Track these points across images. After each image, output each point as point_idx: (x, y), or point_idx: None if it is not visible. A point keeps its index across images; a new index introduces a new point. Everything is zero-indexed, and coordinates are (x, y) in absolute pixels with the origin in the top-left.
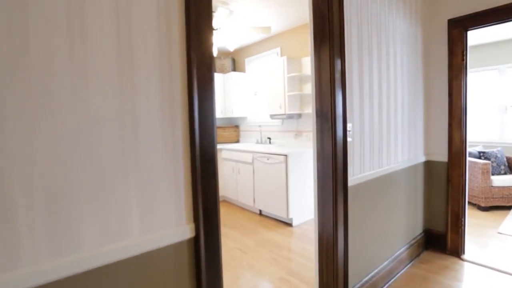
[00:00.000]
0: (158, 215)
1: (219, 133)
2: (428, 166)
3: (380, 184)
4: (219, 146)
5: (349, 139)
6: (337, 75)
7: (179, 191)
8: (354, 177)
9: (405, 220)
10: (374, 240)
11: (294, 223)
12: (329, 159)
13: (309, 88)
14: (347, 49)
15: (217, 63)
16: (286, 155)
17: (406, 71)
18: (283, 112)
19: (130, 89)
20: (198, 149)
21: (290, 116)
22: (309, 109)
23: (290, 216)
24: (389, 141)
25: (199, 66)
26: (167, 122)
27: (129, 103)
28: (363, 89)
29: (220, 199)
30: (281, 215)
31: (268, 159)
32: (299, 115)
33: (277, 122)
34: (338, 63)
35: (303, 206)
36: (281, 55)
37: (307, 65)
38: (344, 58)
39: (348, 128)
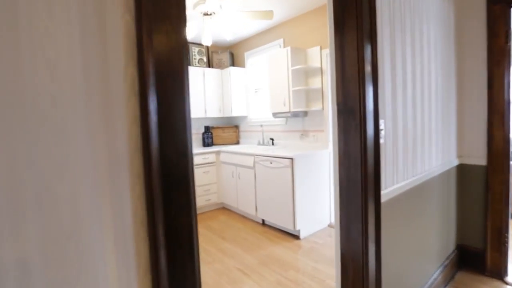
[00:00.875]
0: None
1: (217, 134)
2: (462, 170)
3: (415, 196)
4: (216, 148)
5: (381, 141)
6: (367, 62)
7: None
8: (387, 190)
9: (438, 236)
10: (408, 263)
11: (301, 235)
12: (357, 165)
13: (316, 82)
14: (378, 31)
15: (214, 58)
16: (291, 159)
17: (440, 56)
18: (287, 110)
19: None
20: (156, 162)
21: (295, 114)
22: (317, 106)
23: (297, 228)
24: (423, 142)
25: (158, 31)
26: (96, 113)
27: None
28: (396, 78)
29: (219, 206)
30: (287, 226)
31: (271, 163)
32: (305, 113)
33: (280, 121)
34: (368, 48)
35: (312, 216)
36: (284, 47)
37: (313, 56)
38: (376, 41)
39: (380, 127)
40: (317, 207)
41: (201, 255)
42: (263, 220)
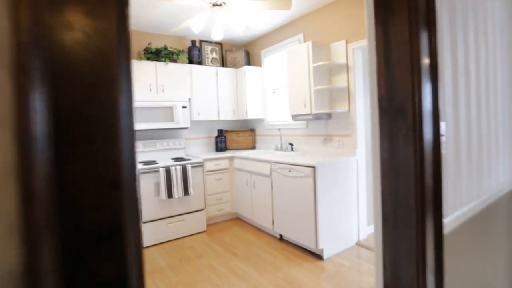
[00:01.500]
0: None
1: (231, 138)
2: None
3: (481, 221)
4: (230, 154)
5: (442, 151)
6: (424, 52)
7: None
8: (449, 218)
9: (509, 269)
10: None
11: (325, 255)
12: (409, 183)
13: (341, 80)
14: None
15: (228, 57)
16: (313, 167)
17: (506, 42)
18: (308, 112)
19: None
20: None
21: (317, 117)
22: (342, 107)
23: (320, 246)
24: (490, 151)
25: None
26: None
27: None
28: (457, 70)
29: (233, 216)
30: (308, 244)
31: (290, 171)
32: (329, 115)
33: (300, 124)
34: (424, 35)
35: (337, 233)
36: (305, 43)
37: (338, 52)
38: (435, 27)
39: (441, 132)
40: (343, 222)
41: (208, 275)
42: (280, 235)
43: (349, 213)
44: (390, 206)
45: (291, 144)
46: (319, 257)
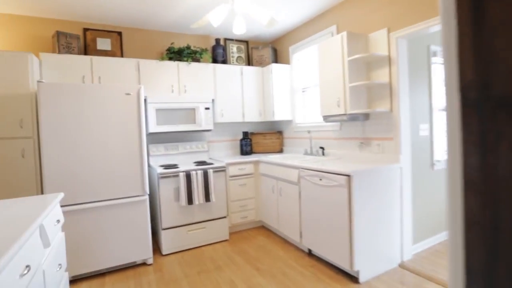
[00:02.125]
0: None
1: (257, 141)
2: None
3: None
4: (255, 158)
5: None
6: None
7: None
8: None
9: None
10: None
11: (361, 278)
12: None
13: (381, 75)
14: None
15: (254, 55)
16: (348, 176)
17: None
18: (342, 112)
19: None
20: None
21: (352, 118)
22: (382, 106)
23: (356, 267)
24: None
25: None
26: None
27: None
28: None
29: (258, 224)
30: (341, 263)
31: (320, 179)
32: (366, 116)
33: (333, 126)
34: None
35: (376, 252)
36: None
37: (378, 42)
38: None
39: None
40: (384, 240)
41: None
42: (309, 250)
43: (391, 230)
44: (481, 254)
45: (322, 148)
46: (354, 279)
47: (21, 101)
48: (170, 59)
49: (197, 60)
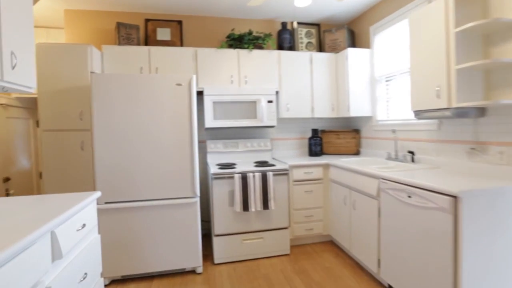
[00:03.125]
0: None
1: (329, 140)
2: None
3: None
4: (325, 160)
5: None
6: None
7: None
8: None
9: None
10: None
11: None
12: None
13: (510, 51)
14: None
15: (327, 39)
16: (455, 197)
17: None
18: (444, 105)
19: None
20: None
21: (459, 113)
22: (511, 96)
23: None
24: None
25: None
26: None
27: None
28: None
29: (325, 239)
30: None
31: (409, 196)
32: (481, 111)
33: (428, 124)
34: None
35: None
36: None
37: (505, 2)
38: None
39: None
40: None
41: None
42: (390, 286)
43: None
44: None
45: (412, 153)
46: None
47: (80, 93)
48: (230, 46)
49: (260, 47)
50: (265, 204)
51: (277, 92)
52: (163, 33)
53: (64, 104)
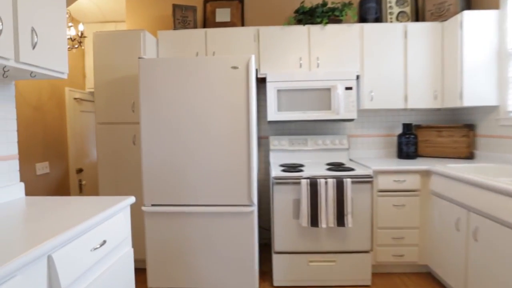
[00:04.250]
0: None
1: (426, 138)
2: None
3: None
4: (424, 165)
5: None
6: None
7: None
8: None
9: None
10: None
11: None
12: None
13: None
14: None
15: (428, 3)
16: None
17: None
18: None
19: None
20: None
21: None
22: None
23: None
24: None
25: None
26: None
27: None
28: None
29: (421, 269)
30: None
31: None
32: None
33: None
34: None
35: None
36: None
37: None
38: None
39: None
40: None
41: None
42: None
43: None
44: None
45: None
46: None
47: (133, 83)
48: (299, 22)
49: (337, 21)
50: (340, 220)
51: (357, 77)
52: (223, 14)
53: (117, 95)
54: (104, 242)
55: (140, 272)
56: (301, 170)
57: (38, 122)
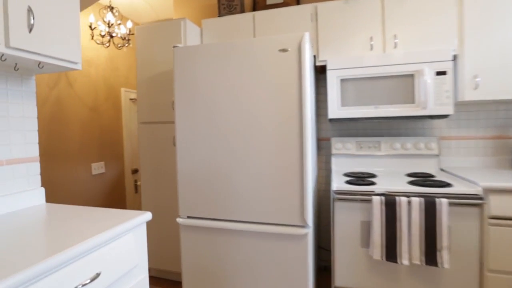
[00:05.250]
0: None
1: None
2: None
3: None
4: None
5: None
6: None
7: None
8: None
9: None
10: None
11: None
12: None
13: None
14: None
15: None
16: None
17: None
18: None
19: None
20: None
21: None
22: None
23: None
24: None
25: None
26: None
27: None
28: None
29: None
30: None
31: None
32: None
33: None
34: None
35: None
36: None
37: None
38: None
39: None
40: None
41: None
42: None
43: None
44: None
45: None
46: None
47: (172, 78)
48: None
49: None
50: (431, 256)
51: (455, 57)
52: None
53: (157, 92)
54: (98, 275)
55: (178, 285)
56: (372, 183)
57: (94, 122)
